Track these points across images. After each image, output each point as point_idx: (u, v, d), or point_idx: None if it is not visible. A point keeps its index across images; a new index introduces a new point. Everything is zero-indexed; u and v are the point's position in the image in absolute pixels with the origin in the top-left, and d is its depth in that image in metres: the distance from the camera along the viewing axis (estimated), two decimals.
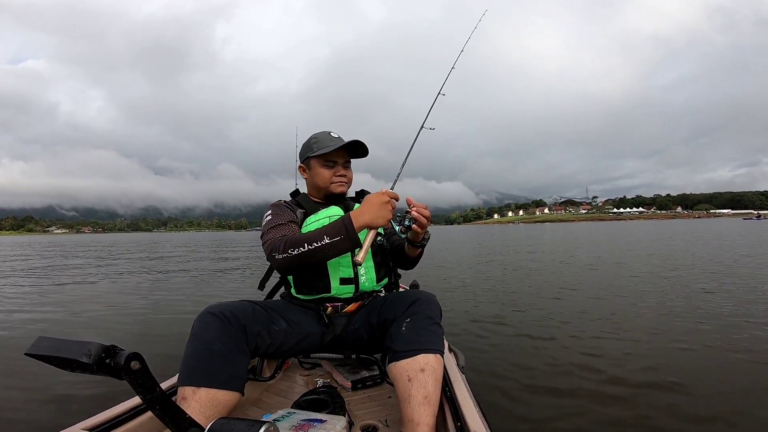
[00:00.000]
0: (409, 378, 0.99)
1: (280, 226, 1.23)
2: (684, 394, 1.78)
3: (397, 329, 1.07)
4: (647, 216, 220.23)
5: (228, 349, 1.01)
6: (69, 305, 4.38)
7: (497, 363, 2.24)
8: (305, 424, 0.99)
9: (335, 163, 1.36)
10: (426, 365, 1.00)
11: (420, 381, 0.98)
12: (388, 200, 1.12)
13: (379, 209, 1.11)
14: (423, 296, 1.14)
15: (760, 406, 1.66)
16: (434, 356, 1.03)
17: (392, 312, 1.13)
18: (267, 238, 1.20)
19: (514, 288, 4.79)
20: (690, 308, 3.38)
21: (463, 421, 0.92)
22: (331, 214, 1.31)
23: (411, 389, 0.98)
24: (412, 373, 1.00)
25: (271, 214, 1.29)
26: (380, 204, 1.11)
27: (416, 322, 1.07)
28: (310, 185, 1.42)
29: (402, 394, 1.00)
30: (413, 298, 1.13)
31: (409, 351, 1.02)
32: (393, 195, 1.15)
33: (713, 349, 2.36)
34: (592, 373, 2.04)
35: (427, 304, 1.12)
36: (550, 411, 1.68)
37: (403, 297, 1.16)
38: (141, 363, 0.46)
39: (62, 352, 0.46)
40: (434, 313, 1.11)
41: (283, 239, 1.13)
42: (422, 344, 1.04)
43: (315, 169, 1.36)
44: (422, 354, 1.02)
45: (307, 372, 1.61)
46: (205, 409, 0.93)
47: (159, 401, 0.45)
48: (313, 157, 1.35)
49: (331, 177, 1.35)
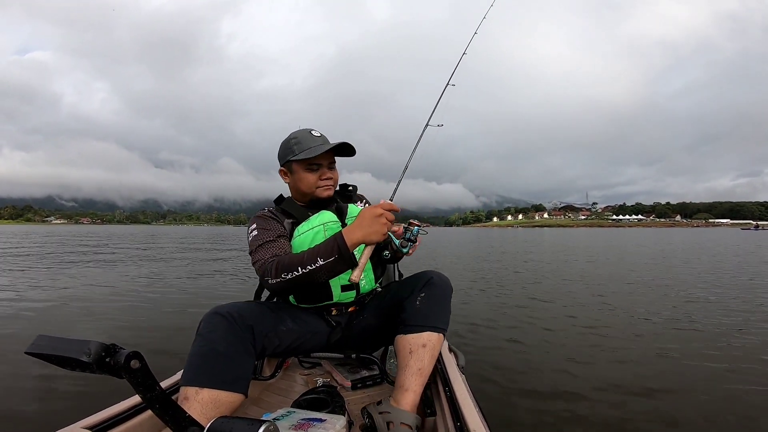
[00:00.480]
0: (411, 351, 1.08)
1: (268, 244, 1.15)
2: (673, 398, 1.79)
3: (412, 303, 1.14)
4: (646, 224, 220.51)
5: (234, 351, 1.01)
6: (67, 300, 4.38)
7: (497, 364, 2.24)
8: (305, 423, 0.99)
9: (320, 165, 1.25)
10: (428, 341, 1.09)
11: (419, 354, 1.08)
12: (382, 213, 1.03)
13: (371, 224, 1.02)
14: (437, 276, 1.20)
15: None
16: (437, 335, 1.12)
17: (408, 289, 1.19)
18: (257, 258, 1.14)
19: (514, 291, 4.79)
20: (681, 316, 3.38)
21: (462, 421, 0.92)
22: (325, 221, 1.23)
23: (409, 360, 1.07)
24: (414, 347, 1.09)
25: (256, 229, 1.20)
26: (372, 218, 1.02)
27: (430, 299, 1.14)
28: (294, 189, 1.31)
29: (400, 363, 1.10)
30: (429, 276, 1.19)
31: (417, 326, 1.11)
32: (389, 206, 1.06)
33: (697, 357, 2.37)
34: (588, 376, 2.05)
35: (442, 283, 1.18)
36: (549, 413, 1.69)
37: (420, 276, 1.21)
38: (141, 362, 0.45)
39: (62, 350, 0.46)
40: (447, 292, 1.18)
41: (274, 262, 1.07)
42: (430, 321, 1.12)
43: (298, 174, 1.25)
44: (428, 331, 1.10)
45: (307, 371, 1.61)
46: (207, 410, 0.92)
47: (159, 400, 0.45)
48: (294, 161, 1.23)
49: (316, 182, 1.25)
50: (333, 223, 1.24)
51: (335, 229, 1.21)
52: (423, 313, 1.12)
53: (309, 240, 1.20)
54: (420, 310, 1.13)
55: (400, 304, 1.17)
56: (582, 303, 3.98)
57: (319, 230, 1.21)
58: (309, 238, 1.20)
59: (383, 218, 1.03)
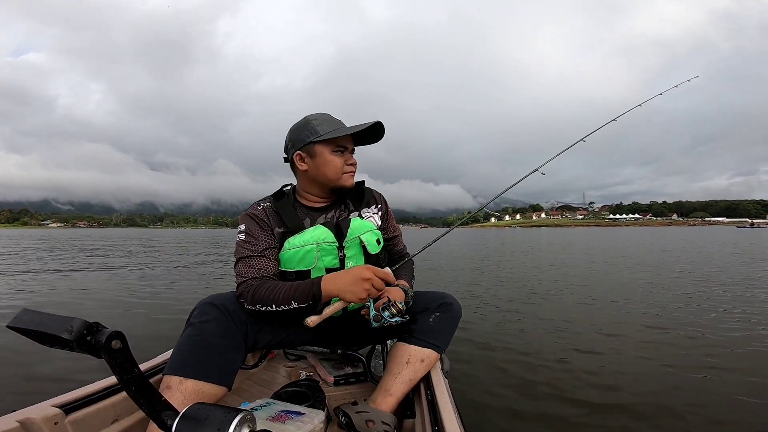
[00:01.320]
0: (408, 361, 1.11)
1: (252, 260, 1.09)
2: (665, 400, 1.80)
3: (425, 318, 1.17)
4: (643, 223, 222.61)
5: (225, 344, 0.99)
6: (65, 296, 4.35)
7: (480, 370, 2.25)
8: (283, 415, 0.99)
9: (345, 149, 1.15)
10: (427, 358, 1.13)
11: (414, 366, 1.11)
12: (369, 278, 0.98)
13: (352, 284, 0.97)
14: (455, 302, 1.23)
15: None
16: (437, 355, 1.16)
17: (424, 304, 1.21)
18: (238, 271, 1.09)
19: (506, 295, 4.80)
20: (671, 315, 3.41)
21: (440, 425, 0.92)
22: (320, 239, 1.12)
23: (403, 369, 1.10)
24: (413, 359, 1.12)
25: (243, 233, 1.12)
26: (357, 279, 0.98)
27: (443, 320, 1.18)
28: (310, 178, 1.16)
29: (392, 368, 1.12)
30: (446, 299, 1.22)
31: (423, 341, 1.14)
32: (383, 276, 1.01)
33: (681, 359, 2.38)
34: (572, 383, 2.06)
35: (457, 309, 1.22)
36: (529, 421, 1.70)
37: (439, 296, 1.24)
38: (122, 342, 0.44)
39: (44, 326, 0.45)
40: (458, 318, 1.22)
41: (251, 289, 1.04)
42: (436, 341, 1.15)
43: (322, 157, 1.12)
44: (430, 349, 1.14)
45: (291, 363, 1.61)
46: (189, 400, 0.90)
47: (135, 382, 0.45)
48: (318, 141, 1.11)
49: (342, 166, 1.14)
50: (328, 244, 1.13)
51: (330, 251, 1.13)
52: (433, 331, 1.16)
53: (299, 257, 1.12)
54: (432, 327, 1.16)
55: (413, 316, 1.18)
56: (574, 305, 3.99)
57: (311, 250, 1.12)
58: (299, 256, 1.12)
59: (368, 284, 0.98)
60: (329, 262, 1.14)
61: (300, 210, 1.20)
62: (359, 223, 1.19)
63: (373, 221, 1.24)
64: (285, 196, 1.20)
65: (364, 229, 1.18)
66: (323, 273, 1.13)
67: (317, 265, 1.13)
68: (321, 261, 1.13)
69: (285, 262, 1.13)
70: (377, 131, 1.16)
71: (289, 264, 1.13)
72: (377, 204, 1.29)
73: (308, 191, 1.20)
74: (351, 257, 1.17)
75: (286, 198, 1.20)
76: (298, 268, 1.12)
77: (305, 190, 1.21)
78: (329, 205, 1.23)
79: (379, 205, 1.30)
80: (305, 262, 1.12)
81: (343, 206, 1.24)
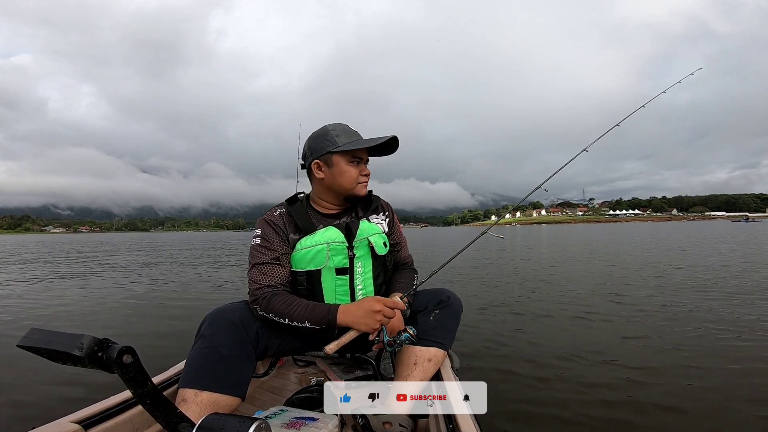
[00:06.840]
0: (416, 362, 1.13)
1: (267, 267, 1.11)
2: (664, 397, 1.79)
3: (425, 318, 1.19)
4: (642, 218, 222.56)
5: (236, 355, 1.01)
6: (66, 304, 4.36)
7: (490, 367, 2.24)
8: (297, 421, 0.99)
9: (360, 159, 1.20)
10: (434, 357, 1.15)
11: (423, 367, 1.13)
12: (380, 310, 1.01)
13: (365, 315, 1.01)
14: (453, 296, 1.25)
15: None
16: (443, 352, 1.18)
17: (422, 303, 1.23)
18: (252, 277, 1.11)
19: (509, 294, 4.79)
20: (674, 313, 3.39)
21: (455, 423, 0.92)
22: (330, 239, 1.16)
23: (413, 371, 1.12)
24: (421, 359, 1.14)
25: (260, 238, 1.15)
26: (369, 311, 1.01)
27: (443, 317, 1.20)
28: (325, 186, 1.21)
29: (402, 371, 1.14)
30: (445, 295, 1.24)
31: (427, 341, 1.15)
32: (394, 305, 1.05)
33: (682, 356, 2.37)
34: (581, 380, 2.05)
35: (456, 304, 1.24)
36: (541, 417, 1.69)
37: (436, 293, 1.26)
38: (133, 357, 0.45)
39: (54, 344, 0.45)
40: (459, 313, 1.24)
41: (266, 297, 1.06)
42: (439, 338, 1.17)
43: (339, 167, 1.17)
44: (436, 347, 1.16)
45: (301, 369, 1.61)
46: (205, 412, 0.89)
47: (150, 396, 0.45)
48: (336, 152, 1.16)
49: (357, 176, 1.19)
50: (338, 244, 1.16)
51: (339, 250, 1.16)
52: (435, 329, 1.17)
53: (309, 257, 1.15)
54: (433, 326, 1.18)
55: (412, 316, 1.22)
56: (580, 304, 3.99)
57: (322, 249, 1.15)
58: (310, 255, 1.15)
59: (380, 315, 1.01)
60: (339, 261, 1.17)
61: (314, 216, 1.23)
62: (368, 226, 1.23)
63: (381, 227, 1.28)
64: (298, 202, 1.24)
65: (372, 231, 1.22)
66: (333, 272, 1.16)
67: (327, 264, 1.15)
68: (331, 261, 1.15)
69: (296, 262, 1.16)
70: (392, 145, 1.21)
71: (300, 264, 1.15)
72: (384, 211, 1.34)
73: (323, 198, 1.24)
74: (360, 257, 1.19)
75: (300, 203, 1.23)
76: (309, 268, 1.15)
77: (320, 197, 1.25)
78: (341, 213, 1.26)
79: (386, 213, 1.34)
80: (315, 261, 1.15)
81: (353, 213, 1.27)
